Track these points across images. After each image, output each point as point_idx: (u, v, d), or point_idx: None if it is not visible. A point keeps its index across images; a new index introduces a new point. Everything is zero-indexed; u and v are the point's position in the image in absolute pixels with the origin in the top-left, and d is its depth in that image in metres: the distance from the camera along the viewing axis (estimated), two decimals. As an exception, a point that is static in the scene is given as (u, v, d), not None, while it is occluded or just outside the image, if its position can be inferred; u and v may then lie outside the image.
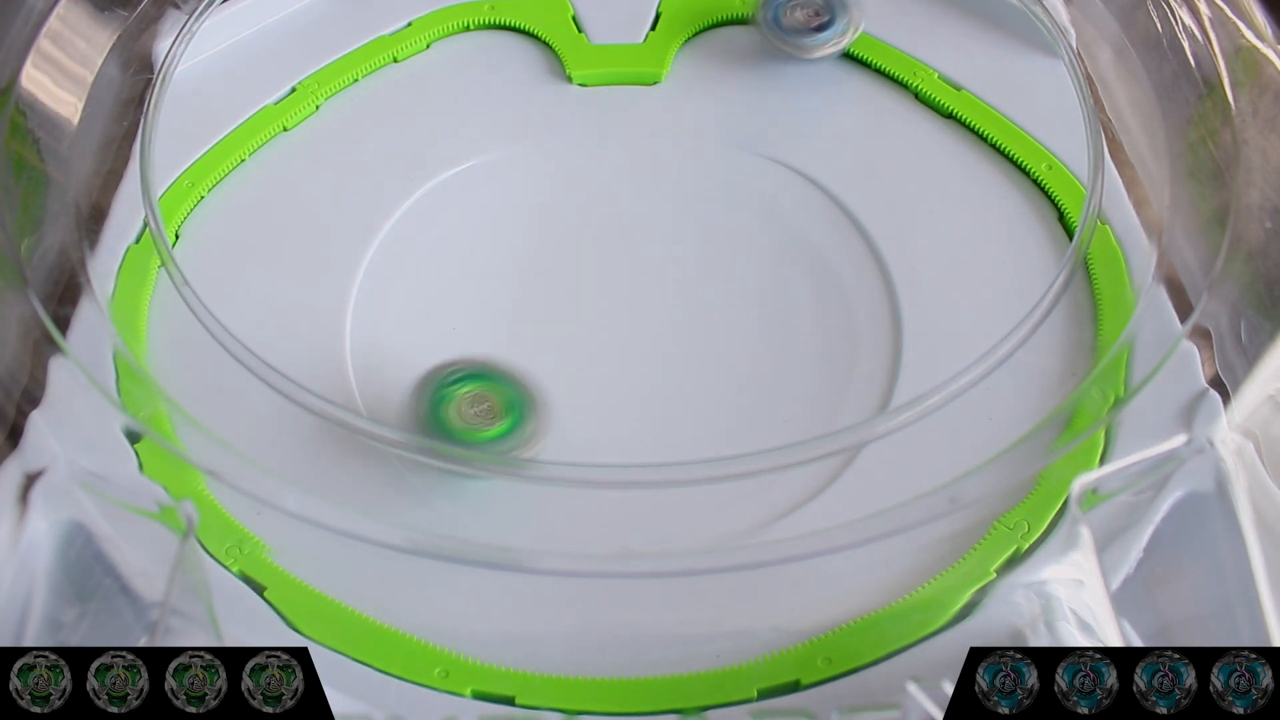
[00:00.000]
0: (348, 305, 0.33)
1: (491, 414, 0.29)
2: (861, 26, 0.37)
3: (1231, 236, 0.30)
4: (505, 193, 0.35)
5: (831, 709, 0.25)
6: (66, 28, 0.35)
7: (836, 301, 0.33)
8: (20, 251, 0.31)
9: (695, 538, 0.28)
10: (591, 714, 0.26)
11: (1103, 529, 0.27)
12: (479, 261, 0.34)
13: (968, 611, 0.27)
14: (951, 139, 0.36)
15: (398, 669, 0.26)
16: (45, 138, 0.33)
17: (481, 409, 0.29)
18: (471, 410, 0.29)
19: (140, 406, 0.29)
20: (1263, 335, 0.29)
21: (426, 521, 0.28)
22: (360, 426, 0.28)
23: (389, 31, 0.38)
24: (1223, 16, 0.34)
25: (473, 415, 0.29)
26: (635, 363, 0.32)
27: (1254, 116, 0.32)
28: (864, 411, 0.31)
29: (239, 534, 0.28)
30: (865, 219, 0.34)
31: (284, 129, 0.36)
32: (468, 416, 0.28)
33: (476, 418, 0.29)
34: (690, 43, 0.38)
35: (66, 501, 0.27)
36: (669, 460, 0.28)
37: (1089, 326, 0.32)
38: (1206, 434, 0.28)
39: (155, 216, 0.31)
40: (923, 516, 0.26)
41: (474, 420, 0.28)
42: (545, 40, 0.38)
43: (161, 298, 0.32)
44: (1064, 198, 0.34)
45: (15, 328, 0.29)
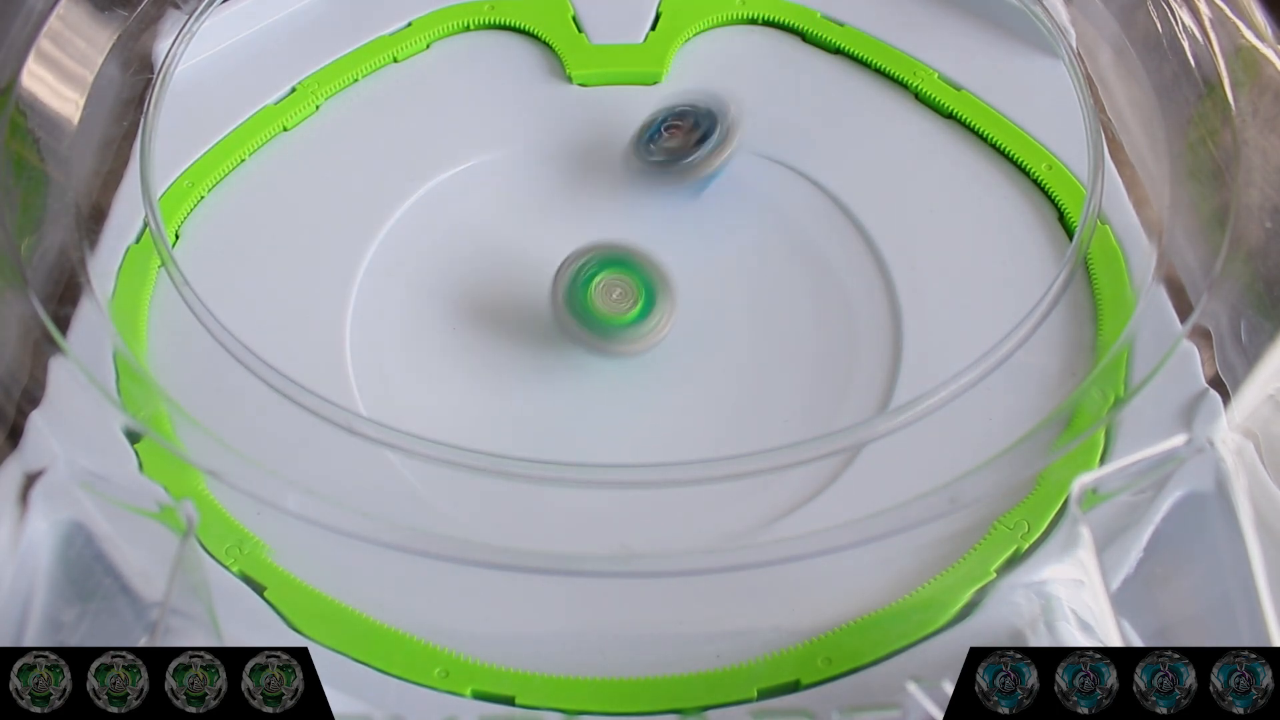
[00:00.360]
0: (348, 305, 0.33)
1: (628, 298, 0.31)
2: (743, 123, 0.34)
3: (1231, 236, 0.30)
4: (505, 193, 0.35)
5: (831, 709, 0.25)
6: (66, 28, 0.35)
7: (836, 301, 0.33)
8: (20, 251, 0.31)
9: (695, 538, 0.28)
10: (591, 714, 0.26)
11: (1103, 529, 0.27)
12: (479, 261, 0.34)
13: (968, 611, 0.27)
14: (951, 139, 0.36)
15: (398, 669, 0.26)
16: (45, 138, 0.33)
17: (617, 295, 0.31)
18: (611, 297, 0.31)
19: (140, 406, 0.29)
20: (1263, 335, 0.29)
21: (426, 521, 0.28)
22: (360, 426, 0.28)
23: (389, 31, 0.38)
24: (1223, 16, 0.34)
25: (612, 301, 0.31)
26: (636, 362, 0.32)
27: (1254, 116, 0.32)
28: (864, 411, 0.31)
29: (239, 534, 0.28)
30: (865, 219, 0.34)
31: (284, 129, 0.36)
32: (608, 303, 0.31)
33: (616, 303, 0.31)
34: (690, 43, 0.38)
35: (66, 501, 0.27)
36: (669, 460, 0.28)
37: (1089, 326, 0.32)
38: (1206, 434, 0.28)
39: (155, 216, 0.31)
40: (923, 516, 0.26)
41: (614, 306, 0.31)
42: (545, 40, 0.38)
43: (161, 298, 0.32)
44: (1064, 198, 0.34)
45: (15, 328, 0.29)
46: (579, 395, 0.31)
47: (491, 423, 0.31)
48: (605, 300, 0.31)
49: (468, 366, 0.32)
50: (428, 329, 0.32)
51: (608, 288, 0.31)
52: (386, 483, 0.29)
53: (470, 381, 0.32)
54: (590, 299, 0.31)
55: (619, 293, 0.31)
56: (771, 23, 0.39)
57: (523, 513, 0.29)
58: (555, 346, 0.32)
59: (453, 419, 0.31)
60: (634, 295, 0.31)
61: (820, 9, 0.39)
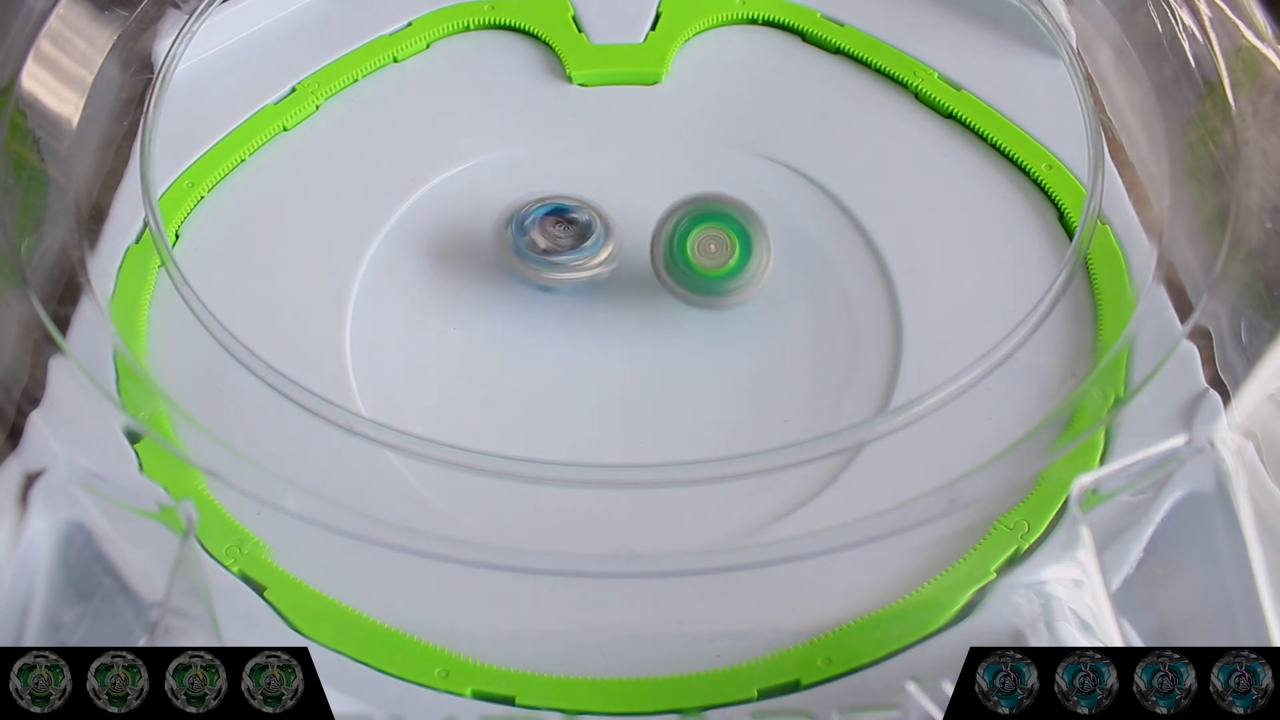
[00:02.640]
0: (348, 305, 0.33)
1: (725, 250, 0.31)
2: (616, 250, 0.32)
3: (1231, 236, 0.30)
4: (505, 193, 0.35)
5: (831, 709, 0.25)
6: (66, 28, 0.35)
7: (836, 301, 0.33)
8: (20, 251, 0.31)
9: (695, 538, 0.28)
10: (591, 714, 0.26)
11: (1103, 529, 0.27)
12: (479, 261, 0.34)
13: (968, 611, 0.27)
14: (951, 139, 0.36)
15: (398, 669, 0.26)
16: (45, 138, 0.33)
17: (713, 249, 0.31)
18: (711, 250, 0.31)
19: (140, 406, 0.29)
20: (1263, 335, 0.29)
21: (426, 521, 0.28)
22: (360, 426, 0.28)
23: (389, 31, 0.38)
24: (1223, 16, 0.34)
25: (713, 253, 0.31)
26: (635, 362, 0.32)
27: (1254, 116, 0.32)
28: (864, 411, 0.31)
29: (239, 534, 0.28)
30: (865, 219, 0.34)
31: (284, 129, 0.36)
32: (708, 255, 0.31)
33: (715, 255, 0.31)
34: (690, 43, 0.38)
35: (66, 501, 0.27)
36: (669, 460, 0.28)
37: (1089, 326, 0.32)
38: (1206, 434, 0.28)
39: (155, 216, 0.31)
40: (923, 516, 0.26)
41: (713, 257, 0.31)
42: (545, 40, 0.38)
43: (161, 298, 0.32)
44: (1064, 198, 0.34)
45: (15, 328, 0.29)
46: (579, 395, 0.31)
47: (492, 423, 0.31)
48: (704, 255, 0.31)
49: (468, 366, 0.32)
50: (428, 329, 0.32)
51: (703, 244, 0.32)
52: (386, 483, 0.29)
53: (470, 382, 0.32)
54: (689, 258, 0.31)
55: (714, 246, 0.32)
56: (771, 23, 0.39)
57: (523, 513, 0.29)
58: (555, 346, 0.32)
59: (453, 419, 0.31)
60: (729, 246, 0.32)
61: (820, 9, 0.39)
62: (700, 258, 0.31)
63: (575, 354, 0.32)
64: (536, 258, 0.32)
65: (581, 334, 0.32)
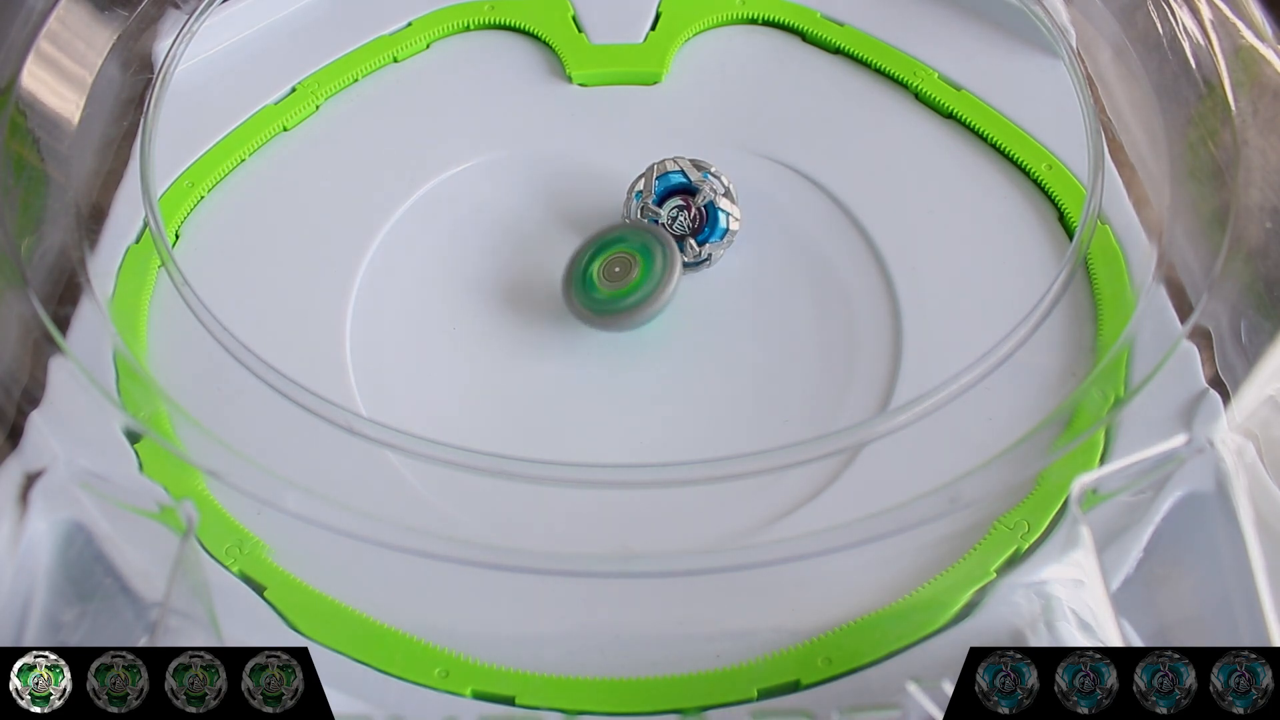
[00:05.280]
0: (348, 305, 0.33)
1: (627, 269, 0.32)
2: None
3: (1231, 236, 0.30)
4: (505, 193, 0.35)
5: (831, 709, 0.25)
6: (66, 28, 0.35)
7: (836, 301, 0.33)
8: (20, 251, 0.31)
9: (695, 538, 0.28)
10: (591, 714, 0.26)
11: (1103, 529, 0.27)
12: (479, 261, 0.34)
13: (968, 611, 0.27)
14: (951, 139, 0.36)
15: (398, 669, 0.26)
16: (45, 138, 0.33)
17: (616, 271, 0.32)
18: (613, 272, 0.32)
19: (140, 406, 0.29)
20: (1263, 335, 0.29)
21: (426, 521, 0.28)
22: (360, 426, 0.28)
23: (389, 31, 0.38)
24: (1223, 16, 0.34)
25: (615, 275, 0.32)
26: (635, 362, 0.32)
27: (1254, 116, 0.32)
28: (864, 411, 0.31)
29: (239, 534, 0.28)
30: (865, 219, 0.34)
31: (284, 129, 0.36)
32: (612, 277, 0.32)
33: (618, 278, 0.32)
34: (690, 43, 0.38)
35: (66, 501, 0.27)
36: (669, 460, 0.28)
37: (1089, 326, 0.32)
38: (1206, 434, 0.28)
39: (155, 216, 0.31)
40: (923, 516, 0.26)
41: (616, 280, 0.32)
42: (545, 40, 0.38)
43: (161, 298, 0.32)
44: (1064, 198, 0.34)
45: (15, 328, 0.29)
46: (579, 395, 0.31)
47: (492, 423, 0.31)
48: (607, 278, 0.32)
49: (468, 366, 0.32)
50: (428, 329, 0.32)
51: (607, 267, 0.32)
52: (386, 483, 0.29)
53: (470, 381, 0.32)
54: (594, 283, 0.32)
55: (619, 268, 0.32)
56: (771, 23, 0.39)
57: (523, 513, 0.29)
58: (555, 346, 0.32)
59: (453, 419, 0.31)
60: (633, 264, 0.32)
61: (820, 9, 0.39)
62: (605, 281, 0.32)
63: (576, 354, 0.32)
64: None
65: (582, 333, 0.32)
